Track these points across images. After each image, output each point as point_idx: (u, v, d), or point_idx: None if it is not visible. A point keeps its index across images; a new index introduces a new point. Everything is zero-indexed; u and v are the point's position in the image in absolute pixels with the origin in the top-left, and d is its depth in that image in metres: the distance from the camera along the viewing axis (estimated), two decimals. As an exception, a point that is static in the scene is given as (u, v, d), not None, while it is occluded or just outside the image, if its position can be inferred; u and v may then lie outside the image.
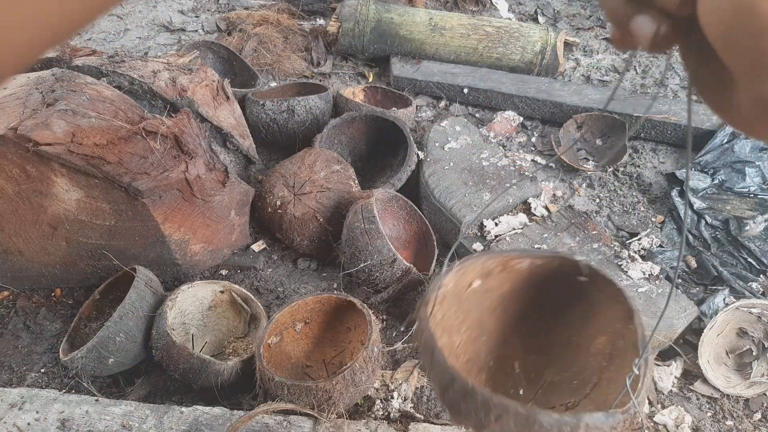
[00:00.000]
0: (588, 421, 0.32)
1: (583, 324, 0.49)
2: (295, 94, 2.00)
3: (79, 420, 1.05)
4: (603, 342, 0.46)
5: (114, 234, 1.30)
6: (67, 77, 1.29)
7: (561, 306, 0.50)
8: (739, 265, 1.58)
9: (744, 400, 1.32)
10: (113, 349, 1.18)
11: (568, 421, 0.32)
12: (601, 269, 0.47)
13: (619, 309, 0.45)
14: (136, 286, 1.23)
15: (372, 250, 1.37)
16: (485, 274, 0.49)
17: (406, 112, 1.91)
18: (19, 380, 1.26)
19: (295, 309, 1.25)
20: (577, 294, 0.49)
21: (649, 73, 2.44)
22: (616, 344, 0.43)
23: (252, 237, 1.61)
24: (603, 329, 0.47)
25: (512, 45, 2.25)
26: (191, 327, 1.35)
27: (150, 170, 1.22)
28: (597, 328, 0.47)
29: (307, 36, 2.45)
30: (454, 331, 0.50)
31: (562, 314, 0.50)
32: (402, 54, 2.29)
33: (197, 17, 2.64)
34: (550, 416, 0.32)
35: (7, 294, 1.43)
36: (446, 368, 0.37)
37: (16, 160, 1.15)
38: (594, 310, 0.48)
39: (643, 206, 1.82)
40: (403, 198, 1.60)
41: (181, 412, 1.08)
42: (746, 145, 1.83)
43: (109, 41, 2.45)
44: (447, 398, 0.38)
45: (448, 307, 0.49)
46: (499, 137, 2.04)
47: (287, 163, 1.61)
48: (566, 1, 2.91)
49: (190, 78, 1.52)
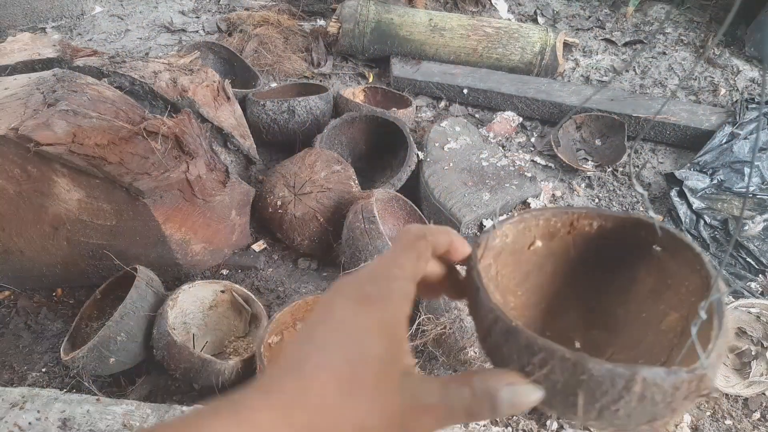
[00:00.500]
0: (646, 375, 0.28)
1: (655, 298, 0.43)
2: (296, 94, 2.00)
3: (80, 419, 1.05)
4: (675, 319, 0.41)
5: (115, 234, 1.30)
6: (68, 78, 1.29)
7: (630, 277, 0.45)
8: (738, 265, 1.58)
9: (743, 399, 1.32)
10: (114, 349, 1.18)
11: (623, 372, 0.28)
12: (679, 232, 0.41)
13: (696, 280, 0.39)
14: (137, 286, 1.23)
15: (372, 250, 1.37)
16: (550, 235, 0.45)
17: (406, 112, 1.92)
18: (20, 380, 1.26)
19: (296, 308, 1.26)
20: (649, 263, 0.44)
21: (648, 73, 2.44)
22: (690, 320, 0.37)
23: (253, 237, 1.62)
24: (677, 304, 0.41)
25: (512, 46, 2.25)
26: (192, 326, 1.35)
27: (151, 170, 1.22)
28: (670, 303, 0.42)
29: (307, 37, 2.46)
30: (509, 292, 0.45)
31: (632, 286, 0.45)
32: (402, 54, 2.29)
33: (198, 18, 2.65)
34: (601, 365, 0.28)
35: (9, 294, 1.43)
36: (490, 308, 0.33)
37: (17, 160, 1.16)
38: (667, 283, 0.42)
39: (642, 206, 1.83)
40: (403, 198, 1.61)
41: (182, 412, 1.08)
42: (745, 146, 1.84)
43: (110, 42, 2.45)
44: (489, 343, 0.34)
45: (504, 264, 0.45)
46: (499, 137, 2.05)
47: (288, 164, 1.61)
48: (565, 2, 2.92)
49: (191, 78, 1.53)
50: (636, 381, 0.28)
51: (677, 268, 0.41)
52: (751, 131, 1.87)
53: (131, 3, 2.73)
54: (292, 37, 2.42)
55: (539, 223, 0.44)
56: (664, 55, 2.55)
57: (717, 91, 2.30)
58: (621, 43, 2.62)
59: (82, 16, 2.61)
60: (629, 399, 0.29)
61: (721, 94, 2.28)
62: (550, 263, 0.46)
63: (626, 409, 0.30)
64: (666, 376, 0.29)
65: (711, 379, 0.31)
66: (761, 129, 1.87)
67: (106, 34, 2.50)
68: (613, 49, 2.60)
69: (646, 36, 2.66)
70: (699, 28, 2.70)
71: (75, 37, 2.48)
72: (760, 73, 2.40)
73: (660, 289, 0.43)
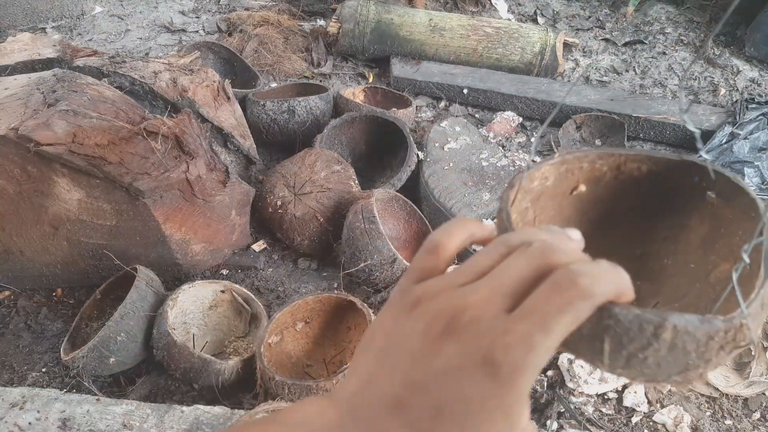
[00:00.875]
0: (677, 323, 0.26)
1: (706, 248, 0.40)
2: (296, 94, 2.00)
3: (80, 419, 1.05)
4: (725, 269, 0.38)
5: (115, 234, 1.30)
6: (68, 78, 1.29)
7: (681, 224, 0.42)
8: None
9: (743, 399, 1.32)
10: (114, 349, 1.18)
11: (652, 318, 0.26)
12: (735, 176, 0.38)
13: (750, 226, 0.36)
14: (137, 286, 1.23)
15: (372, 250, 1.37)
16: (595, 180, 0.42)
17: (406, 112, 1.92)
18: (20, 380, 1.26)
19: (296, 308, 1.26)
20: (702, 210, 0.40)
21: (648, 73, 2.44)
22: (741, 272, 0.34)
23: (252, 237, 1.62)
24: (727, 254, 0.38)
25: (512, 46, 2.25)
26: (192, 326, 1.35)
27: (151, 170, 1.22)
28: (721, 253, 0.39)
29: (307, 37, 2.46)
30: None
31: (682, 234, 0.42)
32: (402, 55, 2.29)
33: (198, 18, 2.65)
34: (628, 310, 0.26)
35: (9, 294, 1.43)
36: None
37: (18, 160, 1.16)
38: (720, 231, 0.39)
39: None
40: (403, 198, 1.61)
41: (182, 412, 1.08)
42: (745, 146, 1.84)
43: (110, 42, 2.46)
44: None
45: (543, 209, 0.42)
46: (499, 137, 2.05)
47: (288, 164, 1.61)
48: (565, 2, 2.92)
49: (191, 78, 1.53)
50: (666, 328, 0.26)
51: (731, 215, 0.38)
52: (751, 131, 1.87)
53: (131, 3, 2.73)
54: (292, 37, 2.42)
55: (583, 166, 0.41)
56: (664, 55, 2.55)
57: (717, 91, 2.30)
58: (621, 43, 2.62)
59: (82, 16, 2.61)
60: (658, 347, 0.27)
61: (721, 94, 2.28)
62: (594, 209, 0.43)
63: (656, 358, 0.28)
64: (699, 324, 0.27)
65: (750, 330, 0.28)
66: (761, 129, 1.87)
67: (106, 34, 2.51)
68: (613, 49, 2.60)
69: (645, 36, 2.66)
70: (699, 28, 2.70)
71: (75, 37, 2.48)
72: (760, 73, 2.40)
73: (712, 237, 0.40)
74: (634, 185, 0.42)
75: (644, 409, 1.28)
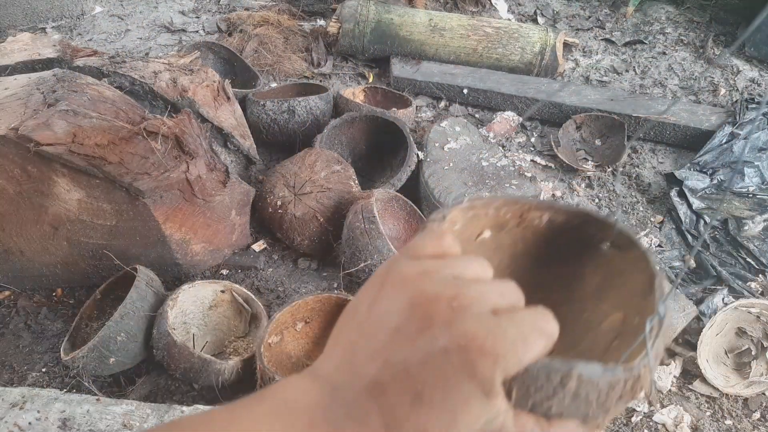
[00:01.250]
0: (582, 372, 0.27)
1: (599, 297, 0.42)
2: (296, 94, 2.00)
3: (80, 419, 1.05)
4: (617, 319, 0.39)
5: (115, 234, 1.30)
6: (68, 78, 1.29)
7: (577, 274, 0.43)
8: (738, 265, 1.58)
9: (743, 399, 1.32)
10: (114, 349, 1.18)
11: (559, 367, 0.27)
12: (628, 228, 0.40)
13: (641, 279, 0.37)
14: (137, 286, 1.23)
15: (372, 250, 1.37)
16: (498, 226, 0.43)
17: (406, 112, 1.92)
18: (20, 380, 1.26)
19: (296, 308, 1.26)
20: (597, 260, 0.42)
21: (648, 73, 2.44)
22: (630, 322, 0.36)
23: (252, 237, 1.62)
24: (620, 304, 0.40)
25: (512, 46, 2.25)
26: (192, 326, 1.35)
27: (151, 170, 1.22)
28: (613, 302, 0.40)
29: (307, 37, 2.46)
30: None
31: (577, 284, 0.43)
32: (402, 55, 2.29)
33: (198, 18, 2.65)
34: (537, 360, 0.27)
35: (9, 294, 1.43)
36: None
37: (18, 160, 1.16)
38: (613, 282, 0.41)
39: (642, 206, 1.83)
40: (403, 198, 1.61)
41: (182, 412, 1.08)
42: (745, 146, 1.84)
43: (110, 42, 2.46)
44: None
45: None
46: (499, 137, 2.05)
47: (288, 164, 1.61)
48: (565, 2, 2.92)
49: (191, 78, 1.53)
50: (572, 376, 0.27)
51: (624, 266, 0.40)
52: (751, 131, 1.87)
53: (131, 3, 2.73)
54: (292, 37, 2.42)
55: (489, 212, 0.42)
56: (664, 55, 2.55)
57: (717, 91, 2.30)
58: (621, 43, 2.62)
59: (82, 16, 2.61)
60: (563, 395, 0.28)
61: (721, 94, 2.28)
62: (497, 257, 0.45)
63: (559, 407, 0.28)
64: (602, 373, 0.27)
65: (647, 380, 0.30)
66: (761, 129, 1.87)
67: (106, 34, 2.51)
68: (613, 49, 2.60)
69: (645, 36, 2.66)
70: (699, 28, 2.70)
71: (75, 37, 2.48)
72: (760, 73, 2.40)
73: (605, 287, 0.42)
74: (536, 234, 0.43)
75: (644, 409, 1.28)
